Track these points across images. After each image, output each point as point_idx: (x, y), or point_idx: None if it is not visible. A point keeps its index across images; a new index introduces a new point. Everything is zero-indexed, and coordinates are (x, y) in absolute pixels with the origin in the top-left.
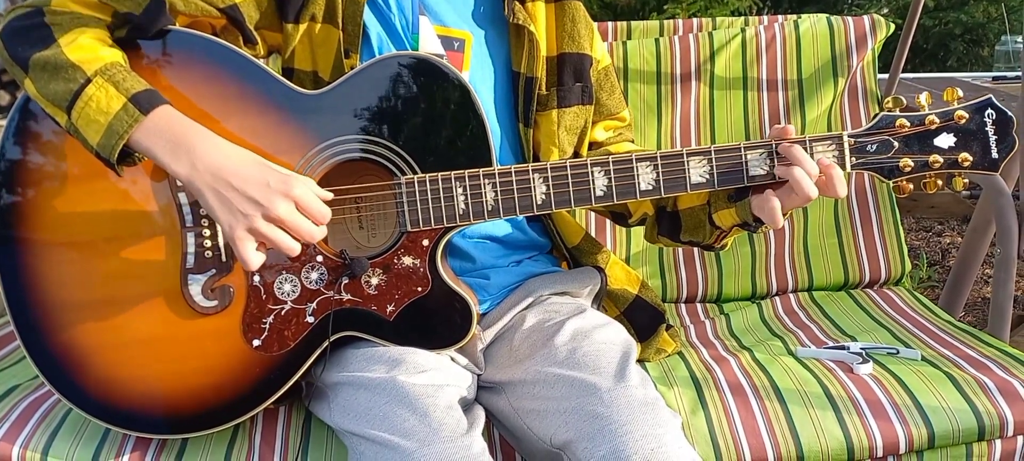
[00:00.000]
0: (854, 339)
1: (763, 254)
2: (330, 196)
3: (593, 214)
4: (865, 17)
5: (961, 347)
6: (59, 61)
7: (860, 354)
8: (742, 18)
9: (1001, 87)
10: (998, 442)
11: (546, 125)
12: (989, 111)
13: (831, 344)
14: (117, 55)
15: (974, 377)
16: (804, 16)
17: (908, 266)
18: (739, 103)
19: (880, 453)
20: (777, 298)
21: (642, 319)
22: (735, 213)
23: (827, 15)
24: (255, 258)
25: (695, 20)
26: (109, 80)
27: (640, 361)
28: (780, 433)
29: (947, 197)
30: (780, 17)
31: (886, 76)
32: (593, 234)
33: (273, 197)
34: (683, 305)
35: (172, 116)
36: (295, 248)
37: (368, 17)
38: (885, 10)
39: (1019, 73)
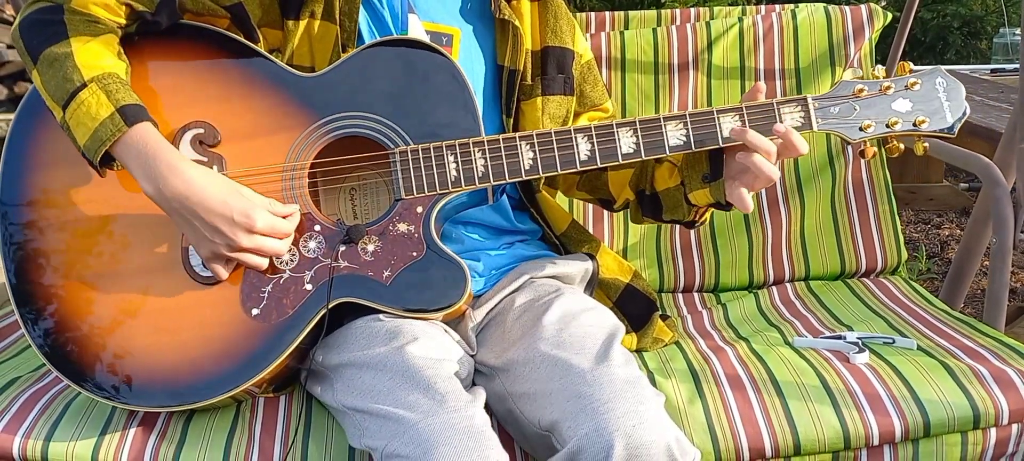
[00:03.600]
0: (850, 328)
1: (760, 244)
2: (290, 211)
3: (587, 205)
4: (862, 7)
5: (957, 336)
6: (65, 60)
7: (856, 344)
8: (739, 7)
9: (1000, 79)
10: (993, 430)
11: (531, 112)
12: (939, 79)
13: (827, 334)
14: (119, 66)
15: (969, 366)
16: (801, 5)
17: (904, 255)
18: (737, 93)
19: (876, 442)
20: (774, 288)
21: (635, 309)
22: (709, 193)
23: (825, 4)
24: (226, 273)
25: (692, 10)
26: (103, 88)
27: (638, 350)
28: (777, 423)
29: (946, 189)
30: (777, 6)
31: (883, 67)
32: (591, 225)
33: (236, 231)
34: (680, 295)
35: (149, 135)
36: (263, 265)
37: (361, 15)
38: (883, 1)
39: (1017, 66)
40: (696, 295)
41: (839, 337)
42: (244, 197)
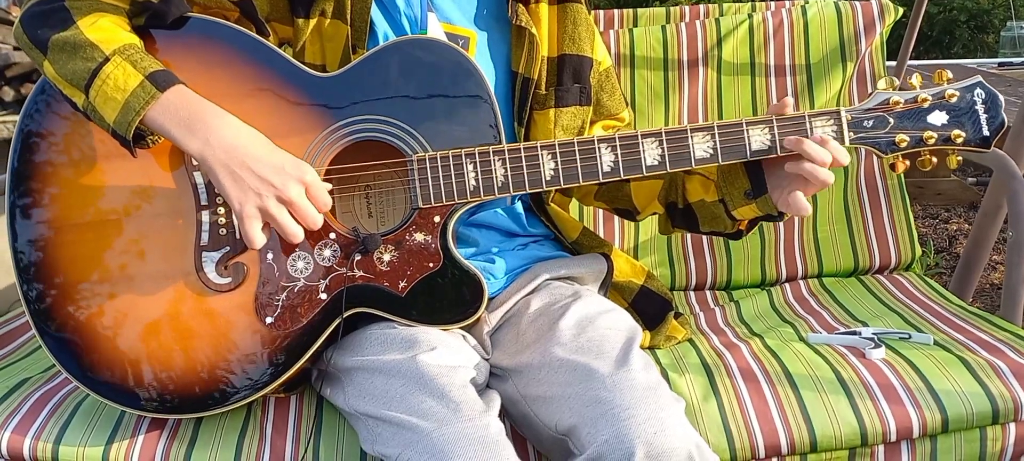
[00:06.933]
0: (865, 324)
1: (772, 241)
2: (330, 187)
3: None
4: (872, 2)
5: (973, 331)
6: (78, 40)
7: (872, 339)
8: (749, 4)
9: (1007, 73)
10: (1012, 425)
11: (543, 124)
12: (978, 90)
13: (842, 330)
14: (134, 38)
15: (987, 361)
16: (812, 1)
17: (918, 251)
18: (747, 89)
19: (893, 438)
20: (787, 285)
21: (650, 309)
22: (756, 208)
23: (835, 0)
24: (260, 237)
25: (702, 6)
26: (127, 59)
27: (651, 348)
28: (793, 419)
29: (954, 184)
30: (787, 2)
31: (894, 63)
32: (601, 225)
33: (287, 180)
34: (692, 293)
35: (187, 95)
36: (299, 234)
37: (375, 14)
38: None
39: None
40: (708, 293)
41: (854, 333)
42: (289, 153)
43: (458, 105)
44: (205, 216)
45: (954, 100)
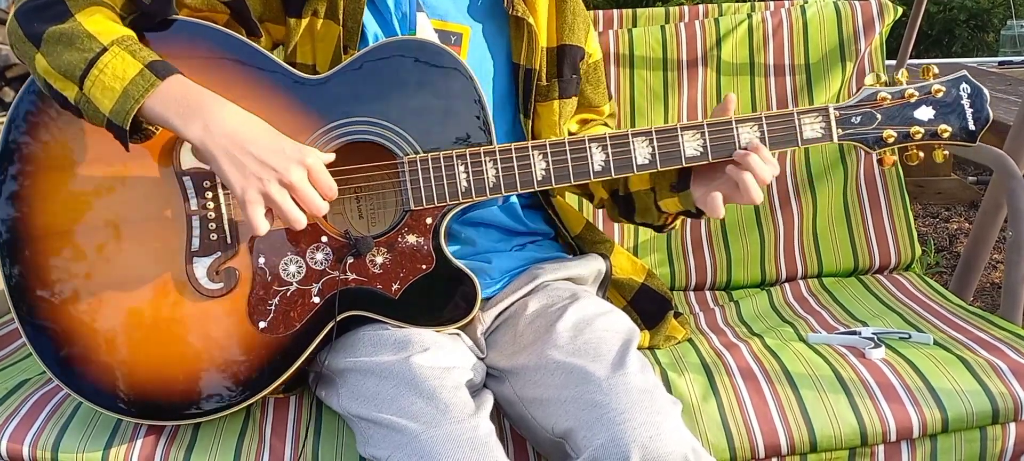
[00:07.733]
0: (865, 324)
1: (772, 240)
2: (332, 158)
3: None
4: (872, 1)
5: (973, 331)
6: (76, 32)
7: (872, 339)
8: (748, 4)
9: (1008, 72)
10: (1012, 425)
11: (547, 115)
12: (964, 85)
13: (842, 329)
14: (130, 31)
15: (987, 360)
16: (810, 0)
17: (918, 251)
18: (746, 89)
19: (893, 438)
20: (787, 284)
21: (649, 308)
22: (678, 202)
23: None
24: (263, 223)
25: (701, 6)
26: (126, 49)
27: (651, 348)
28: (792, 419)
29: (954, 183)
30: (786, 2)
31: (894, 62)
32: (599, 224)
33: (288, 163)
34: (692, 292)
35: (186, 84)
36: (301, 220)
37: (366, 15)
38: None
39: None
40: (708, 292)
41: (854, 333)
42: (290, 138)
43: (448, 106)
44: (195, 220)
45: (941, 95)
